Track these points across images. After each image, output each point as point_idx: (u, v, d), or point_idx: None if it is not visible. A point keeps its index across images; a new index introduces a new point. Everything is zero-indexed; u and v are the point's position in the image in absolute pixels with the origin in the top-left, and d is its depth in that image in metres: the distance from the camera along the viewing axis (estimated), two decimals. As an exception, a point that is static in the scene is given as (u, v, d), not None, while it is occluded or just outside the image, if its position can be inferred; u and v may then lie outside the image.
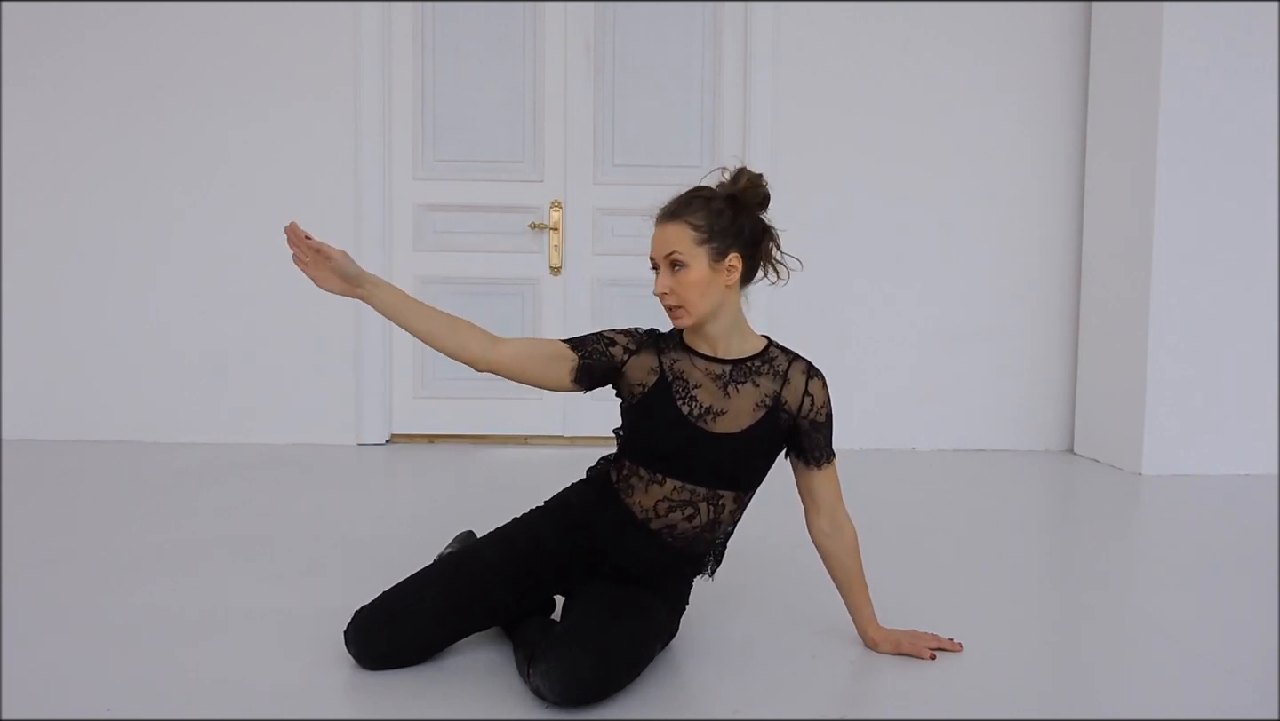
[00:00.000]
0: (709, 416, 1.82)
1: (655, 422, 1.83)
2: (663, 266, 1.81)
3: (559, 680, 1.61)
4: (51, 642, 1.91)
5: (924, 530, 2.93)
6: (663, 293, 1.80)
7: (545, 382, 1.82)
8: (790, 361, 1.89)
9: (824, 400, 1.88)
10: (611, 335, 1.86)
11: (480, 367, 1.80)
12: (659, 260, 1.82)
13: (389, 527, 2.85)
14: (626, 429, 1.90)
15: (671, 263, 1.79)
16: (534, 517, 1.95)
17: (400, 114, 4.23)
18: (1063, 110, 4.27)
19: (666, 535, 1.84)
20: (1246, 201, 3.79)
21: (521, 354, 1.81)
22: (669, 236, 1.80)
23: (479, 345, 1.80)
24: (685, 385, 1.83)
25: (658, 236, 1.82)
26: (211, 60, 4.12)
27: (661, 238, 1.81)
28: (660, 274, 1.81)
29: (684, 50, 4.23)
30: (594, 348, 1.84)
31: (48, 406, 4.16)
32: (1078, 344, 4.32)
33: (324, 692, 1.71)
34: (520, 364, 1.81)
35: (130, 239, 4.16)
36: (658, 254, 1.82)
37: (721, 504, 1.85)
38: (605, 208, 4.28)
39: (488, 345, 1.80)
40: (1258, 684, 1.82)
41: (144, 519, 2.88)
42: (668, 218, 1.82)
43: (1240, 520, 3.12)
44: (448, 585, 1.82)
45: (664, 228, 1.82)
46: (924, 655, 1.88)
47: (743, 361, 1.86)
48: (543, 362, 1.81)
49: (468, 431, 4.32)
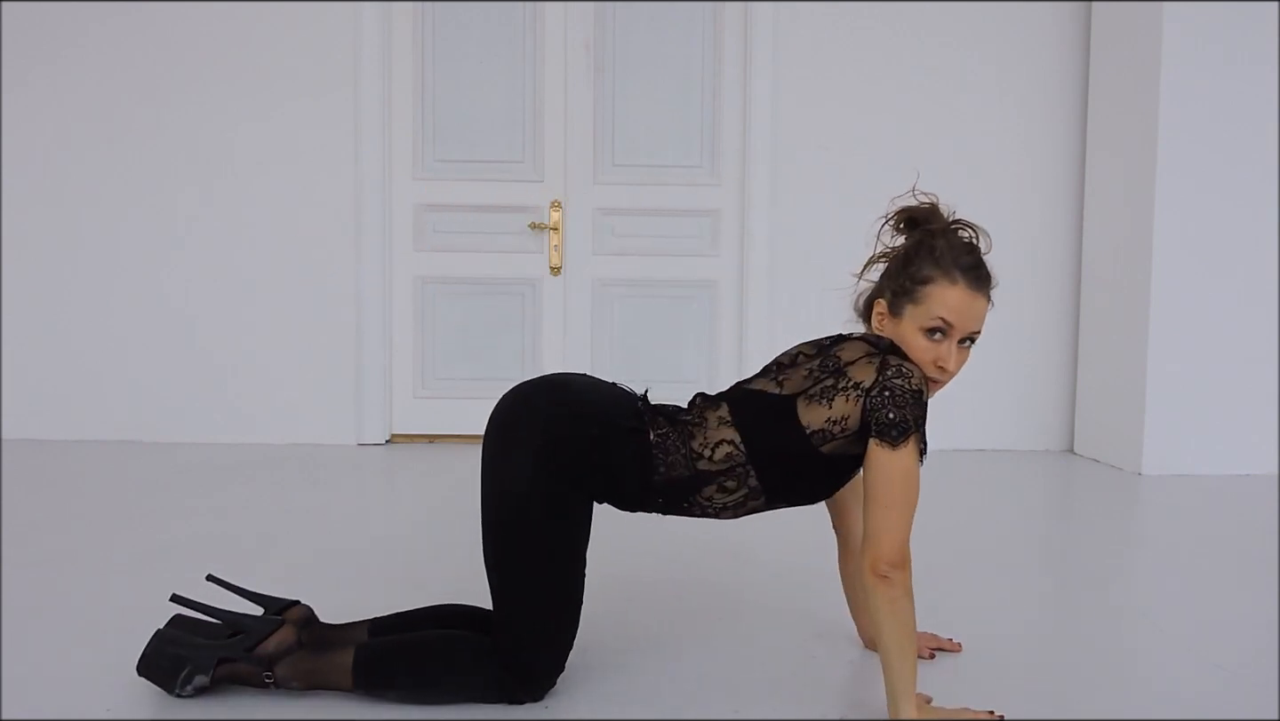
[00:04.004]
0: None
1: (827, 486, 1.65)
2: (953, 340, 1.58)
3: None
4: (51, 642, 1.91)
5: (924, 530, 2.92)
6: (946, 367, 1.58)
7: None
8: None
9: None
10: (924, 426, 1.56)
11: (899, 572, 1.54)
12: (959, 331, 1.57)
13: (389, 528, 2.85)
14: (803, 474, 1.62)
15: (966, 339, 1.60)
16: (582, 498, 1.65)
17: (400, 114, 4.23)
18: (1063, 110, 4.27)
19: (699, 512, 1.70)
20: (1246, 201, 3.79)
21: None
22: (979, 311, 1.60)
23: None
24: None
25: (970, 308, 1.57)
26: (212, 60, 4.12)
27: (974, 312, 1.59)
28: (951, 345, 1.58)
29: (684, 50, 4.23)
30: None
31: (48, 406, 4.16)
32: (1078, 344, 4.32)
33: (324, 692, 1.71)
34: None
35: (130, 239, 4.16)
36: (965, 326, 1.58)
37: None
38: (605, 208, 4.28)
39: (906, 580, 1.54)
40: (1258, 684, 1.82)
41: (144, 519, 2.88)
42: (981, 288, 1.60)
43: (1240, 520, 3.12)
44: (579, 607, 1.69)
45: (978, 301, 1.59)
46: (923, 654, 1.88)
47: None
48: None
49: (468, 431, 4.32)
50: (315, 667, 1.66)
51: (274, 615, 1.72)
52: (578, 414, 1.64)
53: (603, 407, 1.66)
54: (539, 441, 1.61)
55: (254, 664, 1.65)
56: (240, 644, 1.66)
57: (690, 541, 2.68)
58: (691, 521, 2.85)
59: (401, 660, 1.65)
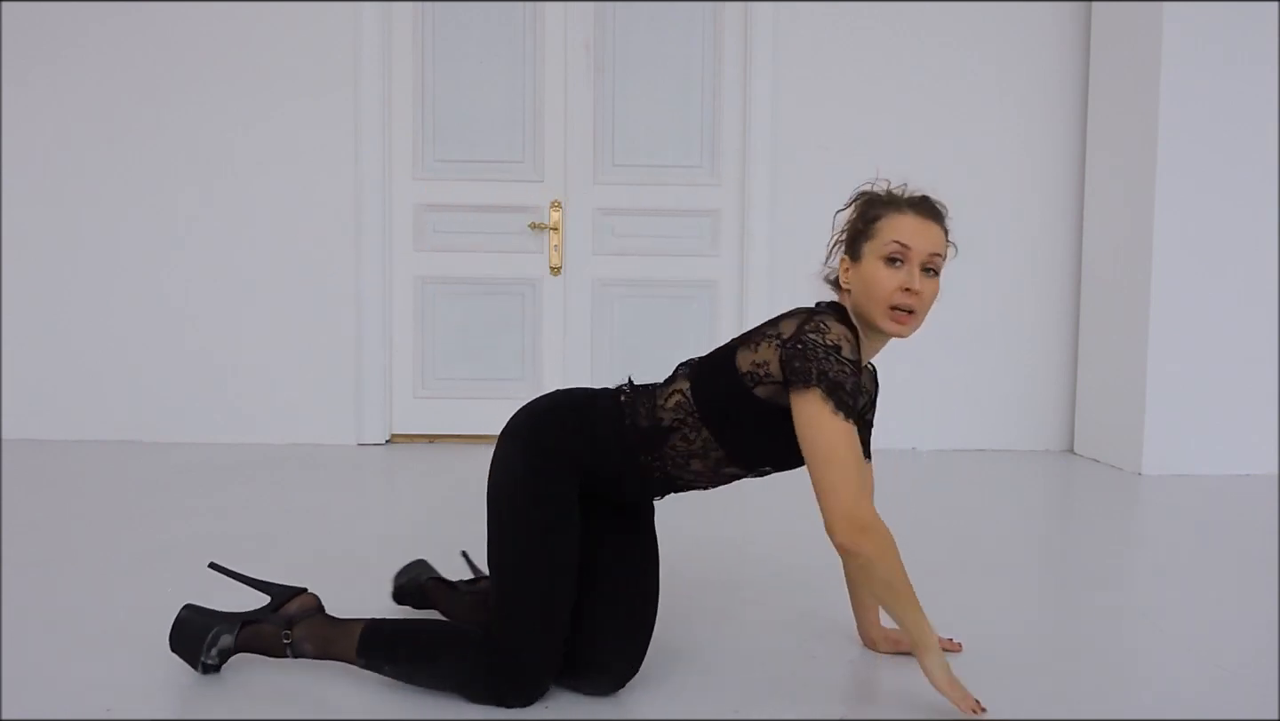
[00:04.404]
0: None
1: (782, 441, 1.61)
2: (914, 265, 1.61)
3: (605, 686, 1.68)
4: (51, 642, 1.91)
5: (924, 530, 2.93)
6: (914, 290, 1.60)
7: None
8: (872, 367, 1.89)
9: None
10: (854, 385, 1.56)
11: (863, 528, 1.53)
12: (916, 255, 1.60)
13: (388, 528, 2.85)
14: (739, 420, 1.63)
15: (926, 266, 1.62)
16: (569, 492, 1.67)
17: (400, 114, 4.23)
18: (1063, 110, 4.27)
19: (683, 487, 1.75)
20: (1246, 201, 3.79)
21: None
22: (935, 236, 1.63)
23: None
24: None
25: (921, 231, 1.61)
26: (212, 61, 4.12)
27: (928, 234, 1.62)
28: (912, 269, 1.61)
29: (684, 50, 4.24)
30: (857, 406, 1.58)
31: (48, 406, 4.16)
32: (1078, 344, 4.32)
33: (323, 691, 1.71)
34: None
35: (130, 239, 4.16)
36: (922, 248, 1.60)
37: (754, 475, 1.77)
38: (605, 208, 4.29)
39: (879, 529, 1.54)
40: (1258, 684, 1.82)
41: (144, 519, 2.88)
42: (933, 215, 1.65)
43: (1240, 520, 3.12)
44: (569, 604, 1.67)
45: (929, 225, 1.64)
46: None
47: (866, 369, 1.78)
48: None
49: (468, 431, 4.32)
50: (329, 634, 1.71)
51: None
52: (561, 398, 1.75)
53: (588, 391, 1.77)
54: (525, 426, 1.70)
55: (276, 623, 1.72)
56: (266, 607, 1.76)
57: (690, 541, 2.68)
58: (691, 521, 2.85)
59: (406, 637, 1.69)
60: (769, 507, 2.53)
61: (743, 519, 3.00)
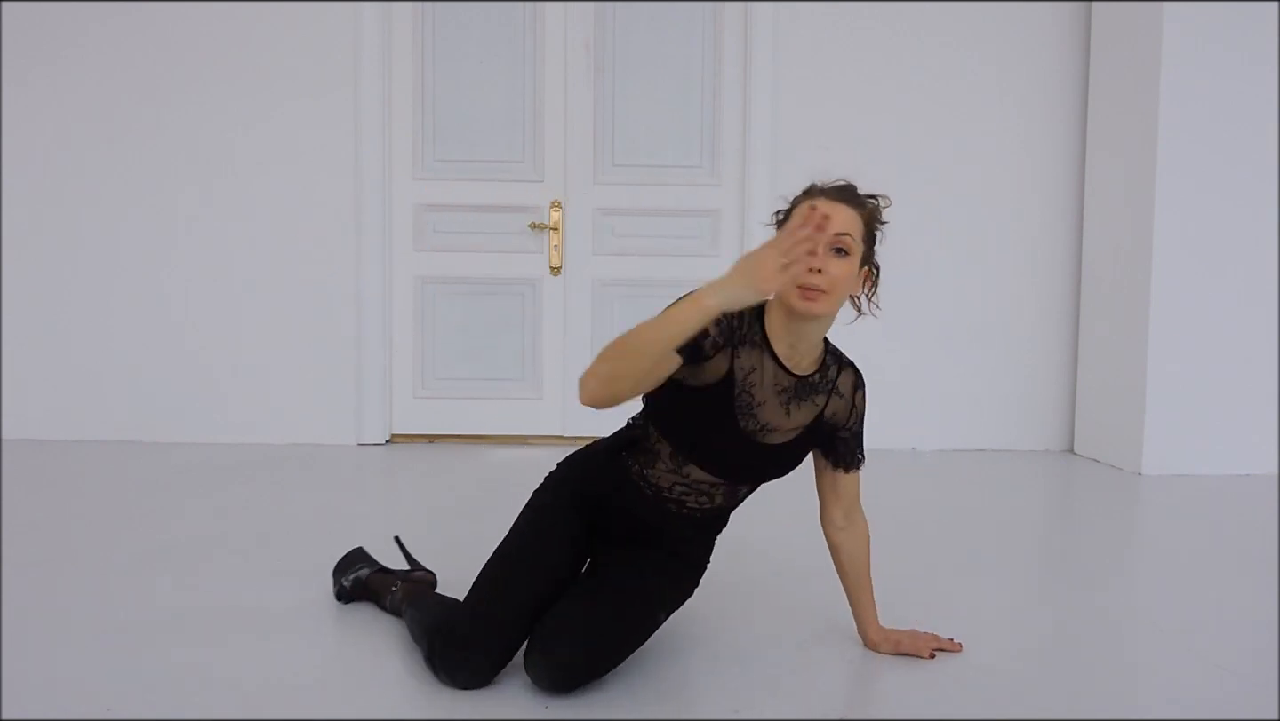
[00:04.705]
0: (762, 432, 1.77)
1: (703, 422, 1.74)
2: (822, 245, 1.64)
3: (545, 671, 1.67)
4: (51, 642, 1.91)
5: (924, 530, 2.93)
6: (820, 269, 1.63)
7: (652, 388, 1.68)
8: (840, 370, 1.84)
9: (864, 409, 1.90)
10: (701, 333, 1.65)
11: (585, 402, 1.62)
12: (820, 237, 1.61)
13: (389, 527, 2.85)
14: (669, 407, 1.76)
15: (837, 246, 1.67)
16: (550, 499, 1.88)
17: (400, 114, 4.23)
18: (1063, 110, 4.27)
19: (674, 508, 1.83)
20: (1246, 201, 3.79)
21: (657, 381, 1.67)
22: (844, 216, 1.67)
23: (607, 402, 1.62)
24: (750, 400, 1.73)
25: (829, 212, 1.60)
26: (212, 61, 4.12)
27: (837, 215, 1.66)
28: (819, 249, 1.64)
29: (684, 50, 4.23)
30: (694, 342, 1.64)
31: (48, 406, 4.16)
32: (1078, 344, 4.32)
33: (323, 691, 1.71)
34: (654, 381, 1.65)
35: (130, 239, 4.16)
36: (826, 230, 1.61)
37: (739, 494, 1.87)
38: (605, 208, 4.28)
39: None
40: (1258, 684, 1.82)
41: (144, 519, 2.88)
42: (843, 199, 1.70)
43: (1240, 520, 3.12)
44: (521, 591, 1.74)
45: (840, 206, 1.68)
46: (924, 654, 1.88)
47: (806, 379, 1.78)
48: (656, 378, 1.65)
49: (468, 431, 4.32)
50: (412, 597, 1.97)
51: None
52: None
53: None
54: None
55: (396, 576, 2.10)
56: (401, 571, 2.16)
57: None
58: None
59: (426, 597, 1.96)
60: (769, 507, 2.52)
61: (742, 518, 3.00)
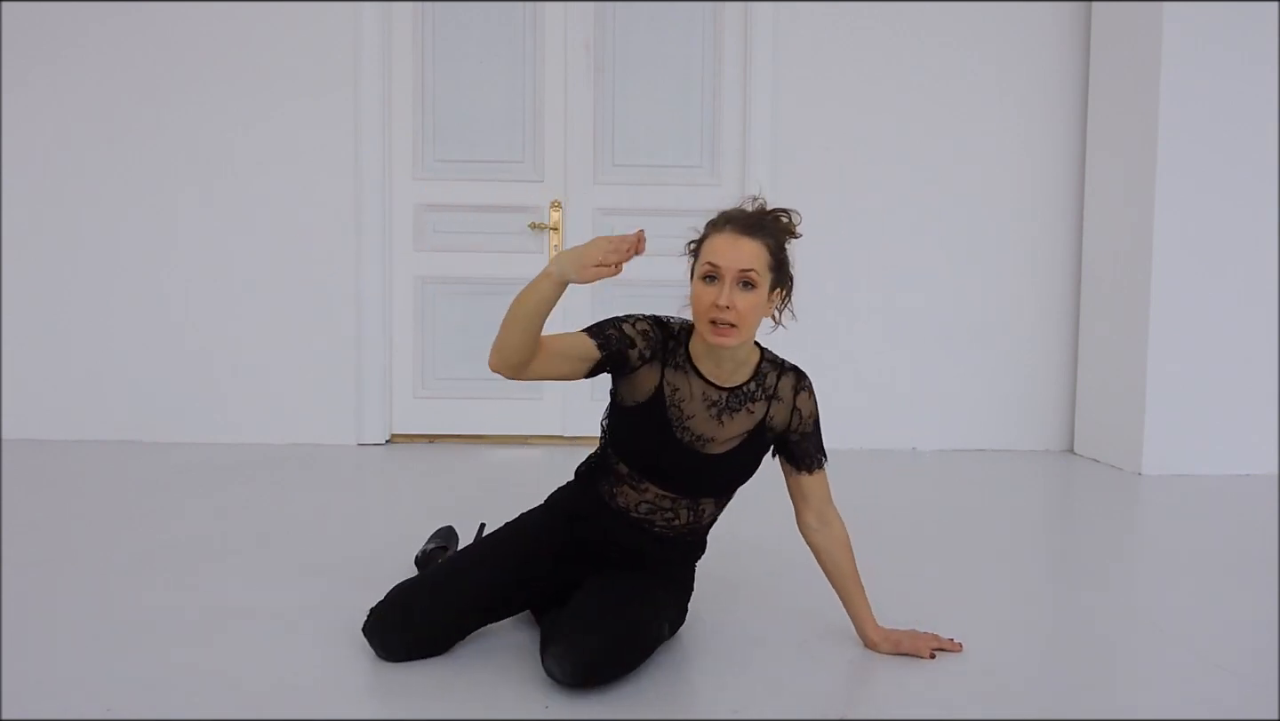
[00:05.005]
0: (700, 442, 1.85)
1: (645, 437, 1.84)
2: (729, 280, 1.71)
3: (569, 661, 1.67)
4: (51, 642, 1.91)
5: (924, 530, 2.93)
6: (726, 306, 1.70)
7: (562, 379, 1.80)
8: (779, 376, 1.89)
9: (810, 410, 1.90)
10: (632, 334, 1.79)
11: (494, 368, 1.75)
12: (727, 272, 1.71)
13: (389, 527, 2.85)
14: (617, 427, 1.89)
15: (744, 281, 1.72)
16: (534, 514, 2.02)
17: (400, 114, 4.23)
18: (1063, 110, 4.27)
19: (647, 525, 1.90)
20: (1246, 201, 3.79)
21: (549, 362, 1.75)
22: (747, 252, 1.72)
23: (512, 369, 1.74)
24: (680, 413, 1.83)
25: (733, 248, 1.71)
26: (212, 61, 4.12)
27: (738, 251, 1.72)
28: (724, 286, 1.71)
29: (684, 50, 4.23)
30: (616, 348, 1.78)
31: (48, 406, 4.16)
32: (1078, 344, 4.32)
33: (323, 691, 1.71)
34: (546, 370, 1.76)
35: (130, 239, 4.16)
36: (730, 265, 1.71)
37: (702, 509, 1.92)
38: (605, 208, 4.28)
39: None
40: (1258, 684, 1.82)
41: (144, 519, 2.88)
42: (747, 231, 1.74)
43: (1240, 520, 3.12)
44: (456, 583, 1.87)
45: (741, 241, 1.73)
46: (924, 654, 1.89)
47: (738, 389, 1.85)
48: (567, 366, 1.77)
49: (468, 431, 4.32)
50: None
51: None
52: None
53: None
54: None
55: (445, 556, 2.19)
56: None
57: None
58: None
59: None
60: (769, 507, 2.52)
61: (742, 518, 3.00)
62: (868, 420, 4.24)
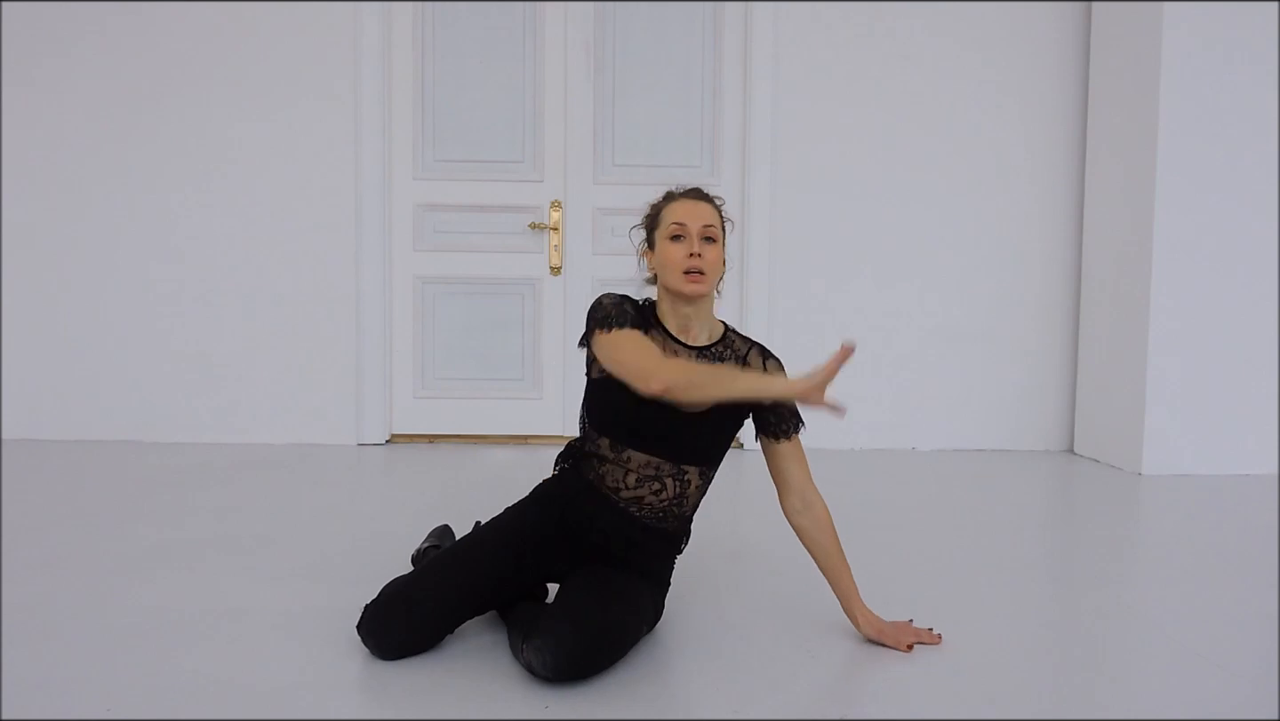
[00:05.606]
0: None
1: (623, 400, 1.90)
2: (695, 237, 1.93)
3: (550, 654, 1.70)
4: (51, 642, 1.91)
5: (923, 530, 2.93)
6: (698, 254, 1.90)
7: None
8: (749, 347, 2.02)
9: (781, 375, 2.00)
10: (629, 307, 1.95)
11: (657, 390, 1.81)
12: (692, 230, 1.93)
13: (389, 527, 2.85)
14: (596, 403, 1.98)
15: (707, 236, 1.94)
16: (525, 505, 2.05)
17: (400, 114, 4.23)
18: (1063, 110, 4.28)
19: (634, 509, 1.94)
20: (1246, 201, 3.79)
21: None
22: (705, 212, 1.96)
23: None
24: None
25: (693, 210, 1.94)
26: (212, 61, 4.12)
27: (698, 211, 1.95)
28: (692, 240, 1.92)
29: (684, 50, 4.23)
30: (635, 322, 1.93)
31: (48, 406, 4.16)
32: (1078, 344, 4.32)
33: (323, 691, 1.71)
34: None
35: (130, 239, 4.16)
36: (694, 223, 1.93)
37: (687, 479, 1.95)
38: (605, 208, 4.28)
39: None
40: (1258, 684, 1.82)
41: (144, 519, 2.88)
42: (701, 197, 1.99)
43: (1240, 520, 3.12)
44: (452, 574, 1.89)
45: (699, 204, 1.97)
46: (902, 647, 1.92)
47: (707, 349, 1.98)
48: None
49: (468, 431, 4.32)
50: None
51: None
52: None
53: None
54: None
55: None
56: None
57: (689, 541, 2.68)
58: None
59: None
60: (769, 507, 2.52)
61: (742, 518, 3.00)
62: (867, 420, 4.24)
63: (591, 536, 1.95)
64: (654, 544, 1.97)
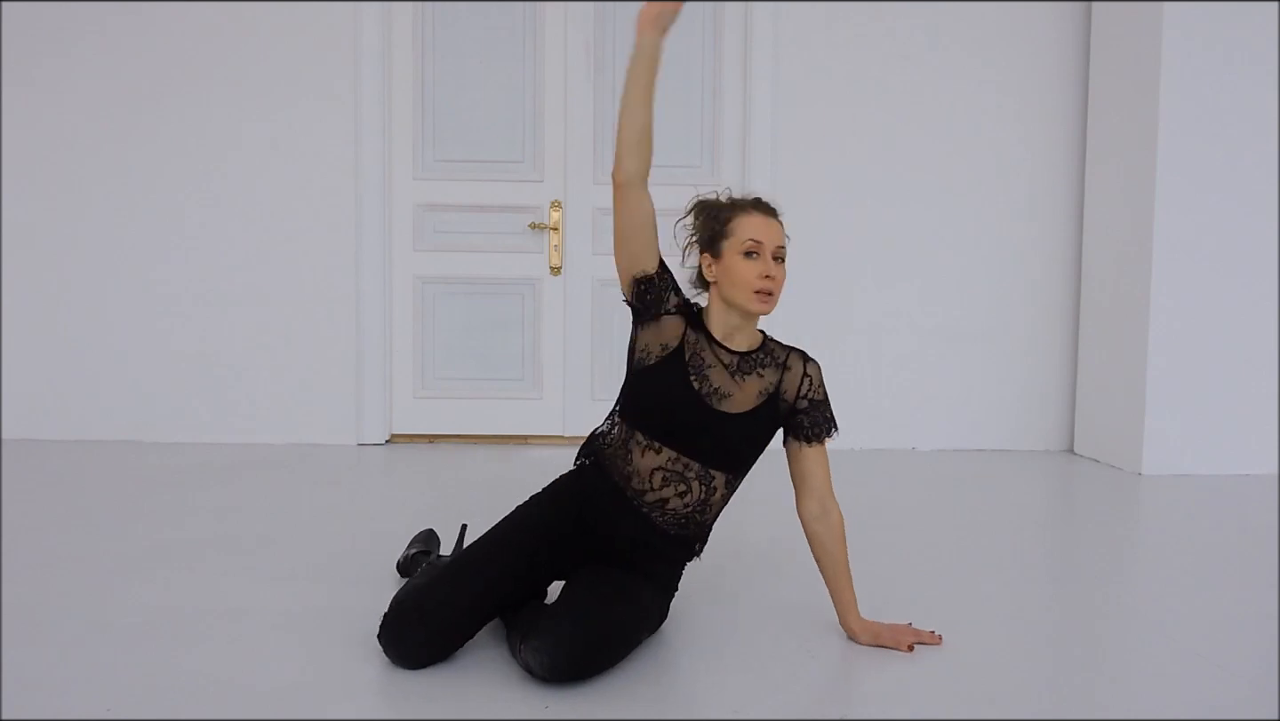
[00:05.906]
0: (716, 396, 1.92)
1: (665, 390, 1.91)
2: (767, 255, 1.91)
3: (549, 654, 1.69)
4: (51, 642, 1.91)
5: (924, 530, 2.93)
6: (771, 276, 1.90)
7: (632, 247, 1.90)
8: (788, 352, 2.01)
9: (820, 379, 2.01)
10: (675, 283, 1.96)
11: (619, 180, 1.86)
12: (767, 249, 1.91)
13: (389, 527, 2.85)
14: (634, 391, 1.96)
15: (778, 256, 1.93)
16: (539, 501, 2.02)
17: (400, 114, 4.23)
18: (1062, 110, 4.27)
19: (656, 514, 1.91)
20: (1246, 201, 3.79)
21: (646, 210, 1.88)
22: (778, 231, 1.95)
23: (637, 166, 1.86)
24: (701, 362, 1.93)
25: (768, 228, 1.93)
26: (212, 60, 4.12)
27: (773, 230, 1.94)
28: (766, 260, 1.90)
29: (684, 50, 4.23)
30: (666, 278, 1.94)
31: (48, 406, 4.16)
32: (1078, 344, 4.32)
33: (323, 691, 1.71)
34: (641, 211, 1.88)
35: (130, 239, 4.16)
36: (770, 242, 1.91)
37: (713, 484, 1.93)
38: (605, 208, 4.28)
39: (642, 175, 1.87)
40: (1258, 684, 1.82)
41: (144, 519, 2.88)
42: (773, 214, 1.98)
43: (1240, 520, 3.12)
44: (470, 575, 1.85)
45: (773, 222, 1.95)
46: (902, 647, 1.91)
47: (748, 354, 1.96)
48: (647, 233, 1.90)
49: (468, 431, 4.32)
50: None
51: None
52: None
53: None
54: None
55: (431, 559, 2.21)
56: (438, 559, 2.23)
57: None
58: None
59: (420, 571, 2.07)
60: (769, 507, 2.52)
61: (742, 518, 3.00)
62: (868, 420, 4.24)
63: (614, 542, 1.92)
64: (671, 550, 1.95)
